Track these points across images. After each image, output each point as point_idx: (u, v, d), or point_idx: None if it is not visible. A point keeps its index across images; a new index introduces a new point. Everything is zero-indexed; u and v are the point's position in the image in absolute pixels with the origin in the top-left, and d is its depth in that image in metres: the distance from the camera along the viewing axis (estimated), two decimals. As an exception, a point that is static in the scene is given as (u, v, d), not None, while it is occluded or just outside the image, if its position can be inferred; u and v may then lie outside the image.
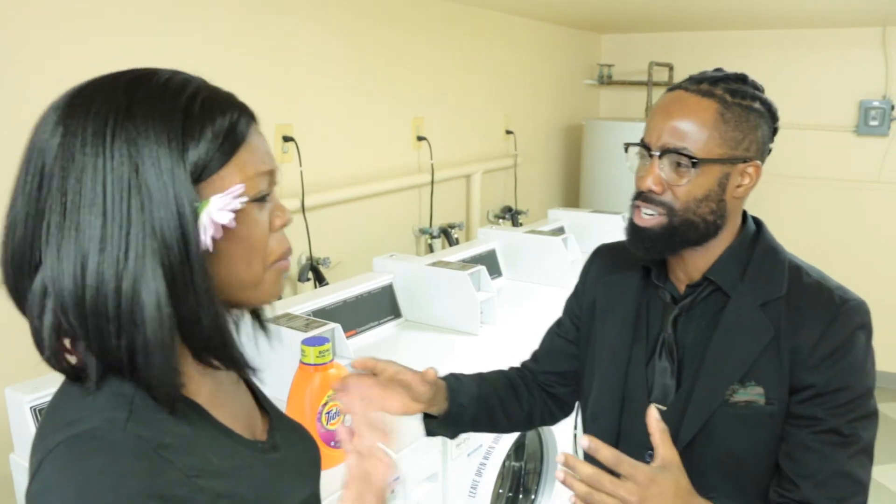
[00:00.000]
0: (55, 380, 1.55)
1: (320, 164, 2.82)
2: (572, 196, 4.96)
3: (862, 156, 4.46)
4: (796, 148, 4.57)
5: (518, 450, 2.50)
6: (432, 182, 3.38)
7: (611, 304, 1.33)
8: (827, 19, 4.06)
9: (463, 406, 1.30)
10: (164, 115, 0.71)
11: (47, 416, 0.76)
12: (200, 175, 0.73)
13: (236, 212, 0.74)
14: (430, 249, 3.44)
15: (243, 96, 0.82)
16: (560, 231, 3.33)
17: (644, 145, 1.16)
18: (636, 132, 1.23)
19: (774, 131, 1.21)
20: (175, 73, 0.76)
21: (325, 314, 2.24)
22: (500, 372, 1.47)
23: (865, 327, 1.13)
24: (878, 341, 1.16)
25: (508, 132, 4.09)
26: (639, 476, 0.99)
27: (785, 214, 4.62)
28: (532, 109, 4.37)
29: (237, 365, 0.81)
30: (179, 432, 0.74)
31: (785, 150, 4.67)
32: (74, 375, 0.74)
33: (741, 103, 1.13)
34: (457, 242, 3.47)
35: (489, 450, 2.11)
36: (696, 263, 1.21)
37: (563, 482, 1.00)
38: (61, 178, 0.69)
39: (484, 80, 3.84)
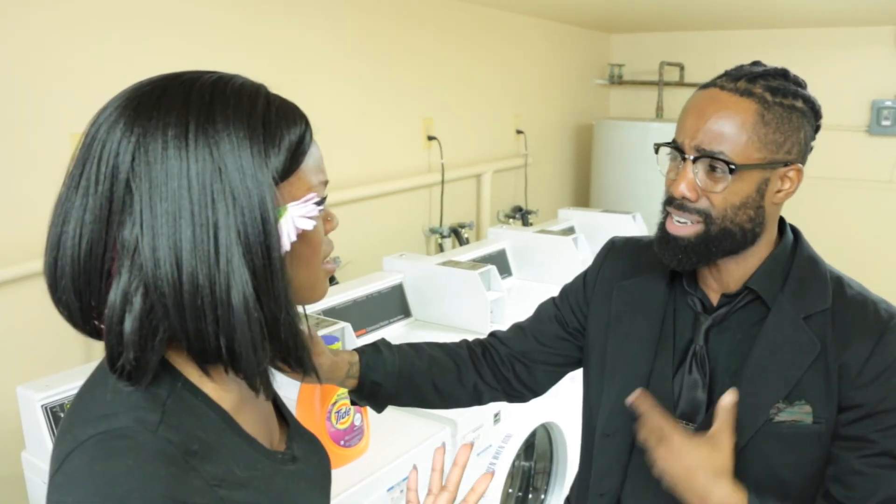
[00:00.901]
0: (67, 378, 1.57)
1: (331, 163, 2.77)
2: (582, 196, 4.95)
3: (874, 156, 4.43)
4: (808, 148, 4.54)
5: (528, 449, 2.50)
6: (442, 182, 3.38)
7: (629, 310, 1.24)
8: (839, 18, 4.04)
9: (377, 383, 1.22)
10: (246, 120, 0.72)
11: (78, 404, 0.77)
12: (278, 181, 0.74)
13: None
14: (441, 249, 3.44)
15: None
16: (570, 231, 3.33)
17: (677, 147, 1.08)
18: (646, 132, 1.19)
19: (817, 129, 1.13)
20: (242, 78, 0.78)
21: (335, 313, 2.24)
22: (448, 347, 1.36)
23: None
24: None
25: (519, 132, 4.08)
26: (673, 442, 1.03)
27: (796, 214, 4.57)
28: (542, 109, 4.37)
29: (304, 368, 0.82)
30: (206, 439, 0.74)
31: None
32: (136, 374, 0.73)
33: (783, 102, 1.05)
34: (467, 242, 3.47)
35: (499, 449, 2.10)
36: (731, 272, 1.14)
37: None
38: (143, 181, 0.69)
39: (494, 79, 3.83)
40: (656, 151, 1.15)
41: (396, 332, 2.50)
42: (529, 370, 1.35)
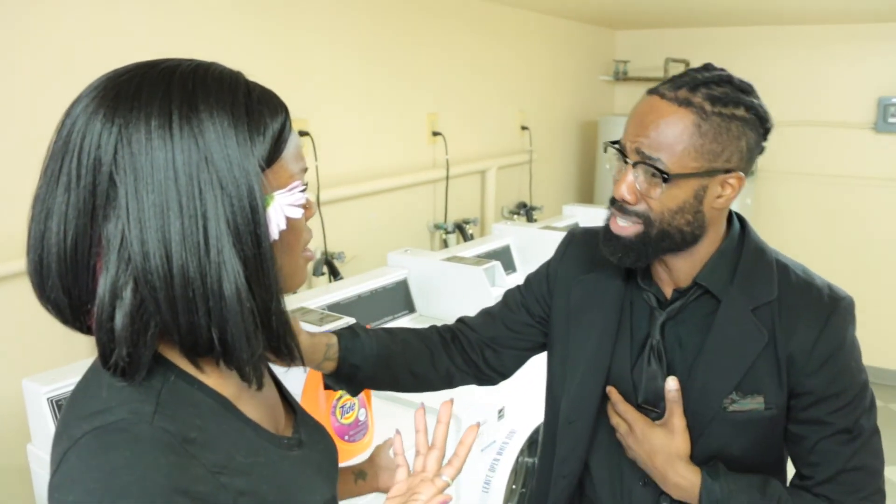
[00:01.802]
0: (72, 371, 1.58)
1: (335, 159, 2.82)
2: (587, 192, 4.95)
3: (881, 153, 4.41)
4: (814, 145, 4.54)
5: (531, 446, 2.50)
6: (447, 177, 3.38)
7: (588, 304, 1.28)
8: (845, 15, 4.03)
9: (356, 366, 1.23)
10: (230, 109, 0.71)
11: (72, 404, 0.75)
12: (263, 169, 0.73)
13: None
14: (445, 245, 3.44)
15: None
16: (574, 226, 3.32)
17: (620, 149, 1.12)
18: None
19: (766, 132, 1.13)
20: (220, 65, 0.76)
21: (339, 308, 2.25)
22: (419, 332, 1.40)
23: (854, 322, 1.13)
24: (893, 340, 1.16)
25: (524, 128, 4.08)
26: (636, 429, 1.18)
27: (803, 212, 4.59)
28: (547, 105, 4.36)
29: (292, 356, 0.82)
30: (205, 427, 0.73)
31: (803, 147, 4.65)
32: (132, 370, 0.72)
33: (722, 112, 1.05)
34: (471, 238, 3.47)
35: (503, 446, 2.10)
36: (681, 268, 1.18)
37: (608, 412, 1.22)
38: (128, 174, 0.67)
39: (499, 75, 3.83)
40: (605, 150, 1.19)
41: (401, 327, 2.50)
42: (498, 355, 1.38)
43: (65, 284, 0.72)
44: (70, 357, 1.69)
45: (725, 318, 1.14)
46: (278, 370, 1.06)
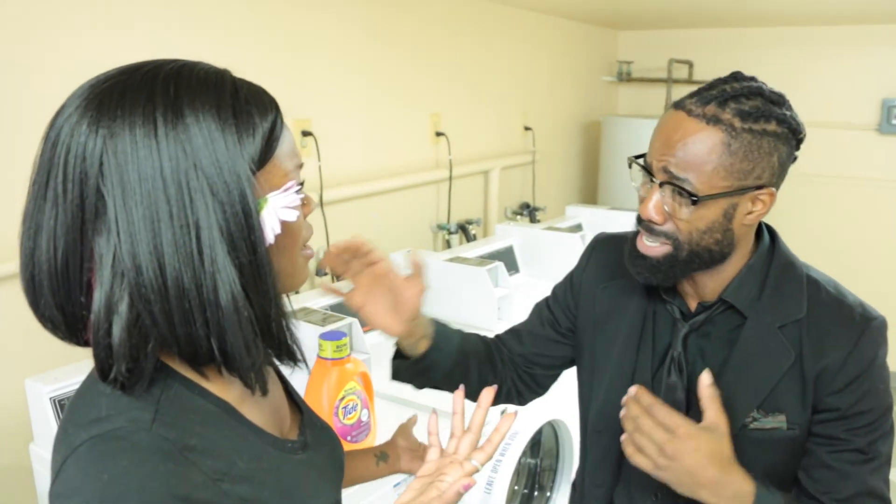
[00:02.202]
0: (74, 371, 1.58)
1: (338, 159, 2.82)
2: (590, 193, 4.94)
3: (885, 155, 4.40)
4: (818, 146, 4.52)
5: (534, 447, 2.50)
6: (450, 178, 3.38)
7: (613, 311, 1.26)
8: (850, 16, 4.02)
9: (444, 354, 1.22)
10: (216, 111, 0.69)
11: (71, 412, 0.74)
12: (255, 171, 0.71)
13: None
14: (448, 245, 3.43)
15: None
16: (578, 228, 3.32)
17: (647, 167, 1.08)
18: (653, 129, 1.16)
19: (799, 143, 1.10)
20: (205, 64, 0.74)
21: (342, 309, 2.24)
22: (480, 337, 1.38)
23: (885, 344, 1.10)
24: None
25: (527, 128, 4.08)
26: (680, 430, 1.01)
27: (807, 213, 4.58)
28: (550, 106, 4.36)
29: (294, 360, 0.81)
30: (205, 434, 0.72)
31: (807, 148, 4.60)
32: (132, 382, 0.70)
33: (752, 128, 1.01)
34: (474, 238, 3.47)
35: (505, 446, 2.10)
36: (706, 284, 1.14)
37: (621, 415, 1.07)
38: (115, 186, 0.65)
39: (502, 76, 3.82)
40: (630, 165, 1.14)
41: (403, 328, 2.49)
42: (530, 373, 1.38)
43: (57, 301, 0.70)
44: (73, 357, 1.69)
45: (751, 335, 1.11)
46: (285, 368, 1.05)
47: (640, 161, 1.10)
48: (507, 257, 2.93)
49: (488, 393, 0.95)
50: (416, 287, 1.15)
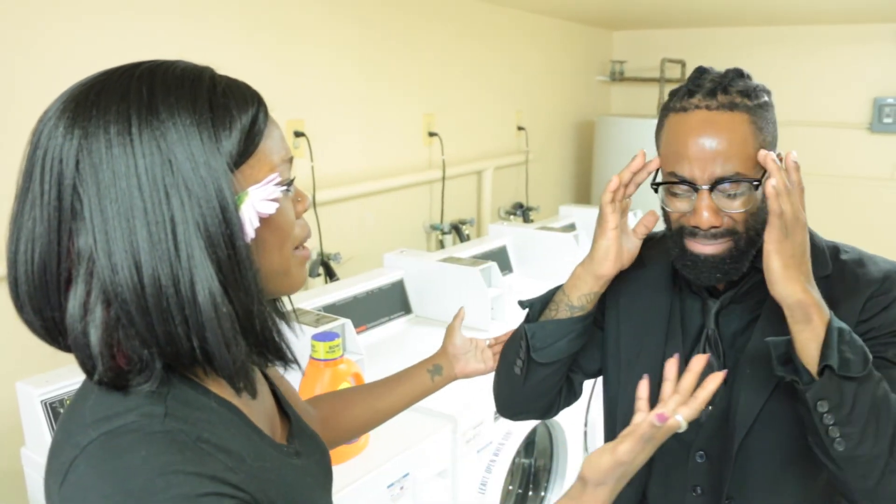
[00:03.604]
0: (66, 374, 1.57)
1: (331, 159, 2.82)
2: (583, 192, 4.95)
3: (876, 153, 4.42)
4: (810, 145, 4.54)
5: (528, 447, 2.50)
6: (443, 178, 3.38)
7: (638, 301, 1.25)
8: (841, 15, 4.03)
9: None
10: (191, 107, 0.68)
11: (70, 416, 0.73)
12: (234, 165, 0.70)
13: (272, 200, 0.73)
14: (441, 245, 3.43)
15: None
16: (571, 227, 3.32)
17: (687, 182, 1.06)
18: (648, 129, 1.14)
19: None
20: (184, 62, 0.73)
21: (335, 309, 2.24)
22: None
23: None
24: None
25: (520, 128, 4.08)
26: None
27: (798, 212, 4.59)
28: (544, 106, 4.36)
29: (284, 359, 0.79)
30: (215, 430, 0.71)
31: (798, 147, 4.64)
32: (118, 382, 0.69)
33: (759, 103, 1.06)
34: (468, 238, 3.47)
35: (499, 446, 2.10)
36: None
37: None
38: (90, 185, 0.65)
39: (496, 76, 3.83)
40: (655, 191, 1.12)
41: (397, 329, 2.49)
42: (570, 378, 1.33)
43: (35, 304, 0.70)
44: (64, 360, 1.68)
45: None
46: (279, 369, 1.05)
47: (677, 180, 1.08)
48: (500, 257, 2.93)
49: (700, 359, 0.96)
50: (638, 236, 1.17)
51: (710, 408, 1.17)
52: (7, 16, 1.81)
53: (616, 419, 1.28)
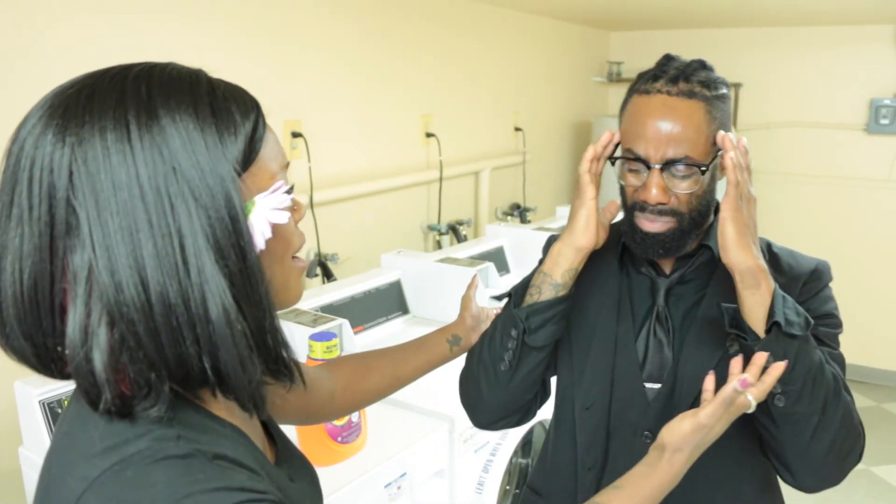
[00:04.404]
0: (64, 374, 1.57)
1: (329, 160, 2.82)
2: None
3: (872, 154, 4.43)
4: (806, 146, 4.55)
5: (525, 447, 2.50)
6: (441, 179, 3.38)
7: (587, 286, 1.27)
8: (838, 16, 4.04)
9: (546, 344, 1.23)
10: (192, 109, 0.64)
11: (66, 447, 0.67)
12: (240, 173, 0.66)
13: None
14: (439, 246, 3.44)
15: (252, 92, 0.79)
16: (568, 228, 3.32)
17: (640, 159, 1.13)
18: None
19: None
20: (177, 64, 0.69)
21: (332, 310, 2.25)
22: None
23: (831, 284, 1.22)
24: (884, 340, 1.16)
25: (517, 129, 4.08)
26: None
27: (794, 213, 4.60)
28: (541, 107, 4.37)
29: (292, 377, 0.75)
30: (228, 448, 0.68)
31: (795, 148, 4.66)
32: (124, 409, 0.64)
33: (717, 94, 1.13)
34: (465, 239, 3.47)
35: (496, 446, 2.11)
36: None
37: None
38: (87, 197, 0.60)
39: (493, 77, 3.83)
40: (612, 164, 1.19)
41: (394, 329, 2.50)
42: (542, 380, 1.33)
43: (25, 329, 0.64)
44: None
45: (722, 276, 1.16)
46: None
47: (631, 156, 1.14)
48: (497, 258, 2.94)
49: (762, 355, 1.01)
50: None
51: (658, 386, 1.20)
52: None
53: (572, 405, 1.29)
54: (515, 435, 2.16)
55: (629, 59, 5.02)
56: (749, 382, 0.95)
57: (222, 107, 0.66)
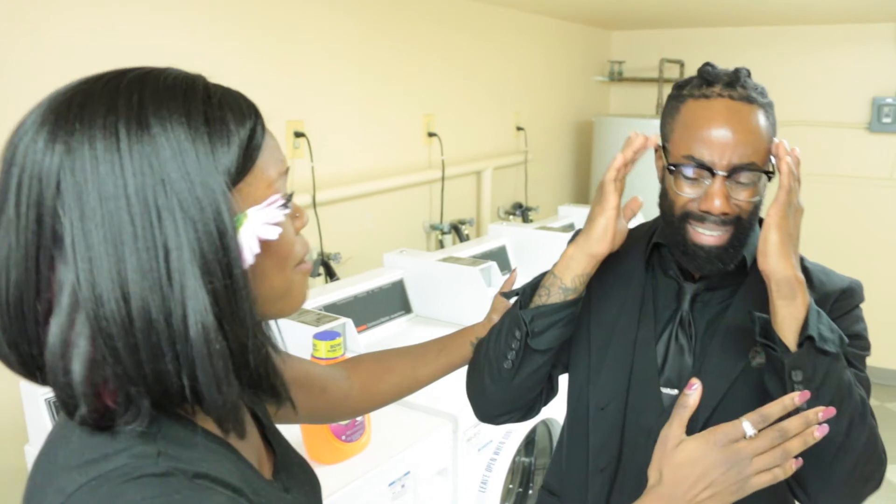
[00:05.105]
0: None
1: (331, 159, 2.83)
2: (582, 192, 4.96)
3: (875, 153, 4.43)
4: (808, 145, 4.55)
5: (528, 445, 2.51)
6: (443, 178, 3.39)
7: (610, 287, 1.26)
8: (840, 15, 4.04)
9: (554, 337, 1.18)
10: (185, 119, 0.63)
11: (50, 457, 0.67)
12: (231, 184, 0.64)
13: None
14: (441, 245, 3.44)
15: (255, 92, 0.78)
16: (570, 227, 3.33)
17: (705, 166, 1.08)
18: (646, 129, 1.16)
19: None
20: (176, 70, 0.68)
21: (336, 309, 2.25)
22: None
23: (862, 305, 1.19)
24: (888, 339, 1.16)
25: (519, 129, 4.09)
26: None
27: (796, 212, 4.60)
28: (543, 106, 4.37)
29: (278, 397, 0.73)
30: (211, 466, 0.66)
31: (796, 146, 4.65)
32: (102, 423, 0.63)
33: (768, 101, 1.12)
34: (467, 238, 3.48)
35: (499, 445, 2.11)
36: None
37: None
38: (73, 207, 0.59)
39: (495, 76, 3.84)
40: (671, 172, 1.13)
41: (397, 328, 2.50)
42: (549, 377, 1.31)
43: (9, 337, 0.63)
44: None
45: (751, 285, 1.14)
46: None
47: (694, 163, 1.10)
48: (499, 257, 2.94)
49: (792, 395, 0.95)
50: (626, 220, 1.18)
51: (675, 392, 1.18)
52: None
53: (587, 405, 1.26)
54: (519, 434, 2.17)
55: (630, 58, 5.02)
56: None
57: (216, 115, 0.65)
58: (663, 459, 0.90)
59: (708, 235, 1.11)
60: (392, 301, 2.53)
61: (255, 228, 0.65)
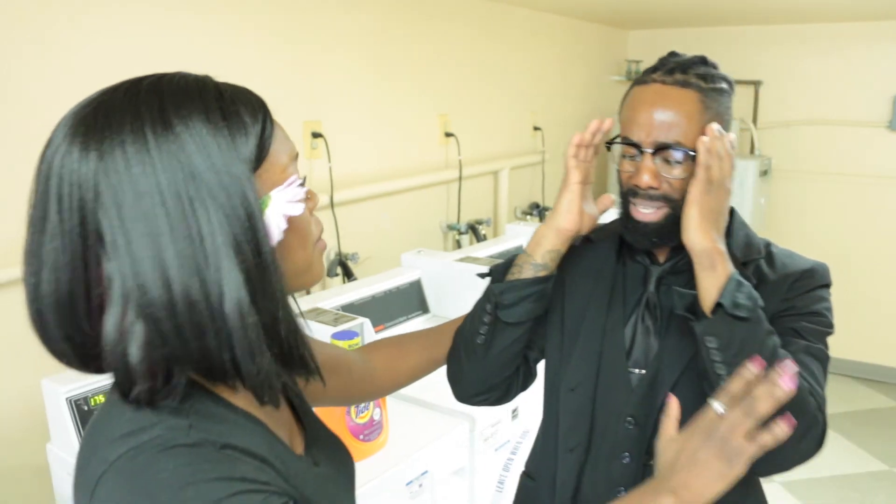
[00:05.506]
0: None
1: (349, 160, 2.84)
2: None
3: (895, 152, 4.39)
4: (827, 144, 4.52)
5: (545, 445, 2.50)
6: (460, 178, 3.39)
7: (583, 274, 1.30)
8: (857, 12, 4.00)
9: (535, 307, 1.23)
10: (203, 115, 0.68)
11: (96, 430, 0.73)
12: (253, 171, 0.70)
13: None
14: (458, 245, 3.45)
15: (272, 93, 0.82)
16: (587, 227, 3.32)
17: (633, 143, 1.17)
18: None
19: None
20: (183, 73, 0.73)
21: (353, 309, 2.26)
22: None
23: (830, 287, 1.21)
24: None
25: (536, 128, 4.08)
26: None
27: (816, 210, 4.57)
28: (560, 106, 4.36)
29: (306, 367, 0.79)
30: (240, 438, 0.72)
31: (816, 145, 4.63)
32: (149, 399, 0.69)
33: (714, 87, 1.16)
34: (484, 238, 3.48)
35: (517, 445, 2.11)
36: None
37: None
38: (110, 207, 0.65)
39: (511, 76, 3.83)
40: (608, 149, 1.23)
41: (415, 328, 2.51)
42: (526, 358, 1.34)
43: (65, 332, 0.70)
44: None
45: None
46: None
47: (624, 141, 1.18)
48: (517, 257, 2.94)
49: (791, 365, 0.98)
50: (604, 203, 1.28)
51: (642, 372, 1.22)
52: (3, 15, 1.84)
53: (559, 384, 1.29)
54: (535, 433, 2.16)
55: (647, 57, 4.99)
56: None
57: (231, 110, 0.70)
58: (661, 459, 0.96)
59: (643, 212, 1.18)
60: (409, 301, 2.54)
61: (280, 207, 0.72)
